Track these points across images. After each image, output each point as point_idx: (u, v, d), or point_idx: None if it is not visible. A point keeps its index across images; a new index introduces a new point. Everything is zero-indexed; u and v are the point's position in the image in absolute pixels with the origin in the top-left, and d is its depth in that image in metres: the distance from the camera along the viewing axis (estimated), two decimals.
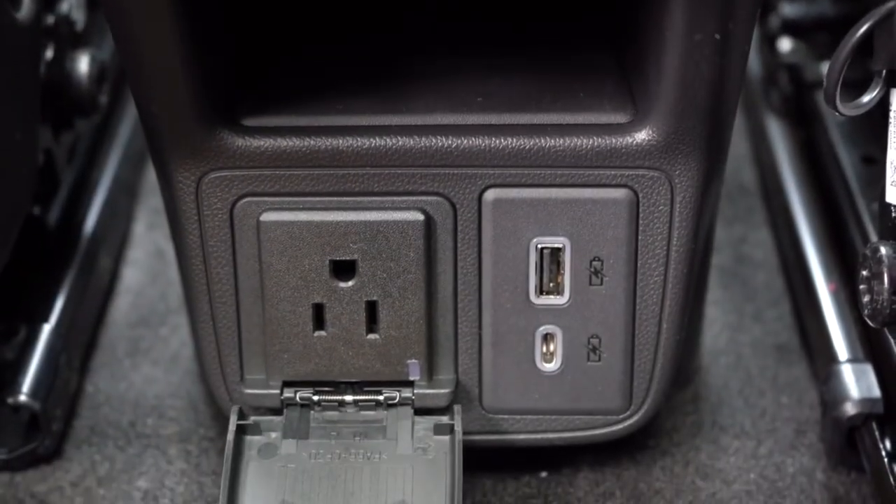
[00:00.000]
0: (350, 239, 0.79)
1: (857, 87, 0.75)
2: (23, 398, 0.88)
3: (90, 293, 1.00)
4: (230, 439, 0.79)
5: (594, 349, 0.82)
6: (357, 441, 0.81)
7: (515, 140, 0.78)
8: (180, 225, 0.80)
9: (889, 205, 0.76)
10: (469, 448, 0.82)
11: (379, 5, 0.92)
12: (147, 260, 1.10)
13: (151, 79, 0.74)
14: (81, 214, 1.04)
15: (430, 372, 0.83)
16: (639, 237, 0.80)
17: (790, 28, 1.20)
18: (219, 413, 0.90)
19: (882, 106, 0.75)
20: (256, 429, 0.81)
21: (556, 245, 0.80)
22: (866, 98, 0.74)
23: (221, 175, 0.78)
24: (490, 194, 0.79)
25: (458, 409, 0.81)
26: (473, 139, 0.78)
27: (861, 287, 0.76)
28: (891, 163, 0.75)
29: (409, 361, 0.82)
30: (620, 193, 0.79)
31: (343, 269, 0.80)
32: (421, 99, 0.81)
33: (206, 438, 0.92)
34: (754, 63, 1.25)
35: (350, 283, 0.80)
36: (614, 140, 0.78)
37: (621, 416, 0.85)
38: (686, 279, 0.81)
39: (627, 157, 0.78)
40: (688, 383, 0.95)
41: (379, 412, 0.82)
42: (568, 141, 0.78)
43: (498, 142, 0.78)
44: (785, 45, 1.20)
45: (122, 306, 1.04)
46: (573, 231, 0.80)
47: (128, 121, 1.17)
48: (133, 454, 0.91)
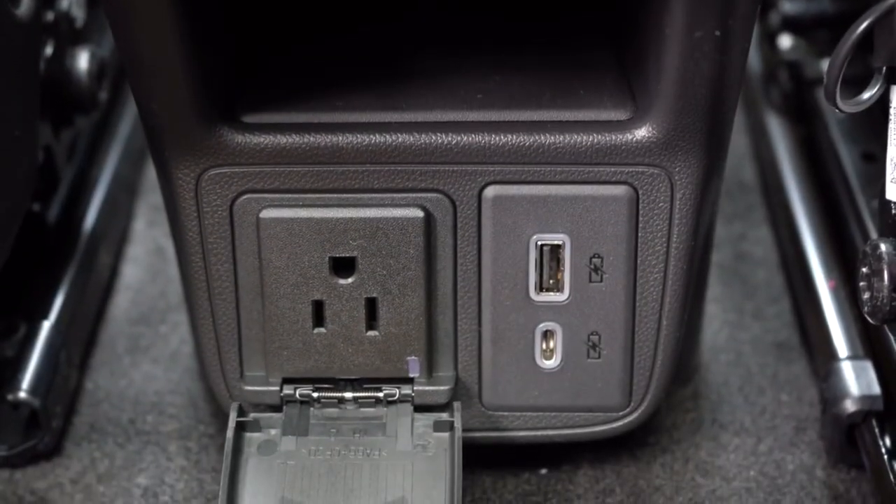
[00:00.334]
0: (350, 236, 0.79)
1: (858, 84, 0.75)
2: (23, 395, 0.88)
3: (90, 290, 1.00)
4: (230, 436, 0.79)
5: (594, 346, 0.82)
6: (357, 438, 0.81)
7: (515, 137, 0.78)
8: (180, 222, 0.80)
9: (889, 202, 0.76)
10: (469, 445, 0.82)
11: (379, 2, 0.92)
12: (147, 257, 1.10)
13: (151, 76, 0.74)
14: (81, 211, 1.04)
15: (430, 369, 0.83)
16: (639, 234, 0.80)
17: (790, 25, 1.20)
18: (218, 410, 0.90)
19: (882, 103, 0.75)
20: (256, 425, 0.81)
21: (556, 242, 0.80)
22: (866, 95, 0.74)
23: (221, 172, 0.78)
24: (490, 191, 0.79)
25: (458, 406, 0.81)
26: (473, 136, 0.78)
27: (861, 284, 0.76)
28: (891, 160, 0.75)
29: (409, 358, 0.82)
30: (620, 190, 0.79)
31: (343, 266, 0.80)
32: (421, 95, 0.81)
33: (206, 435, 0.92)
34: (754, 60, 1.25)
35: (350, 280, 0.80)
36: (614, 137, 0.77)
37: (621, 413, 0.85)
38: (686, 276, 0.81)
39: (627, 154, 0.78)
40: (687, 380, 0.95)
41: (379, 409, 0.82)
42: (568, 138, 0.78)
43: (498, 138, 0.78)
44: (785, 42, 1.20)
45: (122, 303, 1.04)
46: (573, 228, 0.79)
47: (127, 118, 1.16)
48: (133, 451, 0.90)
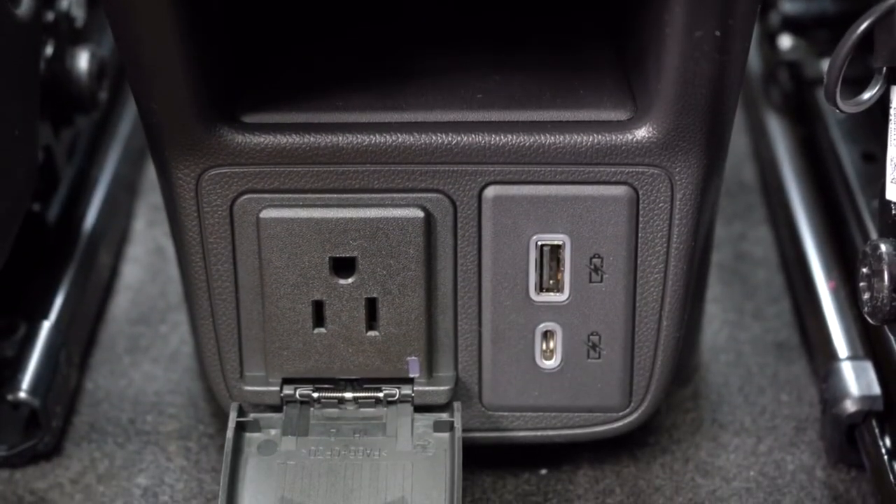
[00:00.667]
0: (350, 236, 0.79)
1: (858, 85, 0.75)
2: (22, 395, 0.88)
3: (90, 290, 1.00)
4: (230, 436, 0.79)
5: (594, 346, 0.82)
6: (357, 438, 0.81)
7: (515, 137, 0.78)
8: (180, 222, 0.80)
9: (889, 202, 0.76)
10: (469, 445, 0.82)
11: (379, 2, 0.92)
12: (147, 257, 1.09)
13: (151, 76, 0.74)
14: (81, 211, 1.04)
15: (430, 369, 0.83)
16: (639, 234, 0.80)
17: (790, 25, 1.20)
18: (218, 410, 0.90)
19: (882, 103, 0.75)
20: (256, 426, 0.81)
21: (556, 242, 0.80)
22: (866, 95, 0.74)
23: (221, 172, 0.78)
24: (490, 191, 0.79)
25: (458, 406, 0.81)
26: (473, 136, 0.78)
27: (861, 284, 0.76)
28: (891, 160, 0.75)
29: (409, 358, 0.82)
30: (620, 190, 0.79)
31: (343, 266, 0.80)
32: (421, 95, 0.81)
33: (206, 435, 0.92)
34: (754, 60, 1.25)
35: (350, 280, 0.80)
36: (614, 137, 0.77)
37: (621, 414, 0.85)
38: (686, 276, 0.81)
39: (627, 154, 0.78)
40: (687, 380, 0.95)
41: (379, 409, 0.82)
42: (568, 138, 0.78)
43: (498, 139, 0.78)
44: (785, 42, 1.20)
45: (122, 303, 1.04)
46: (573, 228, 0.79)
47: (127, 117, 1.16)
48: (133, 451, 0.90)
